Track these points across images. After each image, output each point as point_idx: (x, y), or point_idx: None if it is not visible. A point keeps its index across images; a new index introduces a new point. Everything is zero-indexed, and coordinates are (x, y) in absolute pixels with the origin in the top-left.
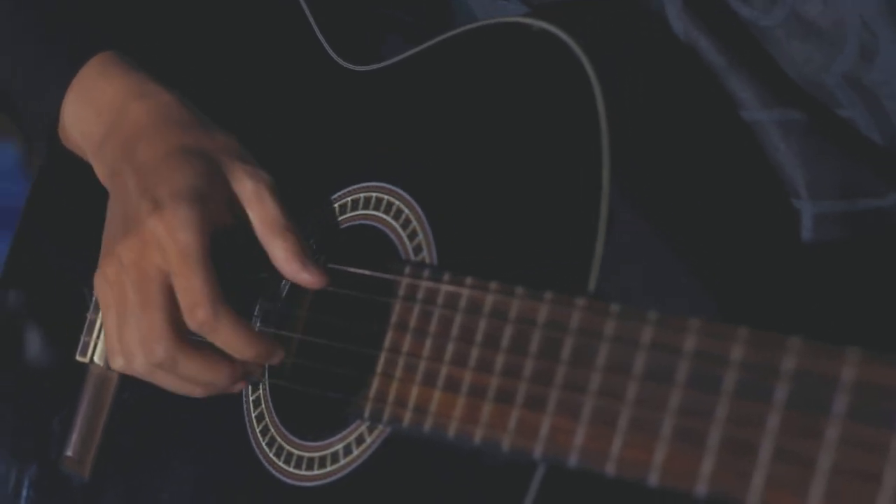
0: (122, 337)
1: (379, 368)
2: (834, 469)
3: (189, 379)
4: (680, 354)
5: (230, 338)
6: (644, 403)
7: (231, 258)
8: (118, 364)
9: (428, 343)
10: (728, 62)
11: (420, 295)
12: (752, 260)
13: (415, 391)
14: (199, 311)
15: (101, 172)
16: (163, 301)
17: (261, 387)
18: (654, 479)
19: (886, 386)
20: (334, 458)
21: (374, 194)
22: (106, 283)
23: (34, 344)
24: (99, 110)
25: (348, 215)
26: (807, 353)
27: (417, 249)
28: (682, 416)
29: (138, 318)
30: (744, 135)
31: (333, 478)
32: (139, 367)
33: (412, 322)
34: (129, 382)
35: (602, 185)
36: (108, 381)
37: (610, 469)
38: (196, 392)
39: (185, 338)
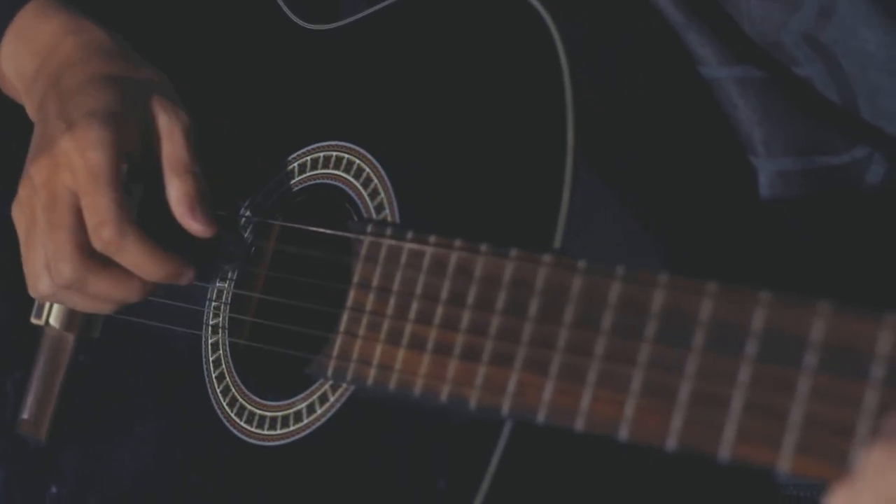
0: (30, 260)
1: (342, 327)
2: (806, 421)
3: (99, 298)
4: (649, 310)
5: (137, 258)
6: (613, 358)
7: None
8: (31, 291)
9: (392, 301)
10: (686, 18)
11: (382, 253)
12: (711, 216)
13: (379, 349)
14: (104, 231)
15: (30, 108)
16: (70, 221)
17: (221, 347)
18: (624, 433)
19: (857, 338)
20: (297, 417)
21: (334, 153)
22: (19, 209)
23: None
24: (34, 49)
25: (308, 174)
26: (777, 307)
27: (379, 208)
28: (651, 370)
29: (45, 239)
30: (702, 92)
31: (297, 437)
32: (45, 288)
33: (375, 280)
34: (85, 344)
35: (567, 142)
36: (64, 343)
37: (579, 424)
38: (107, 309)
39: (93, 257)
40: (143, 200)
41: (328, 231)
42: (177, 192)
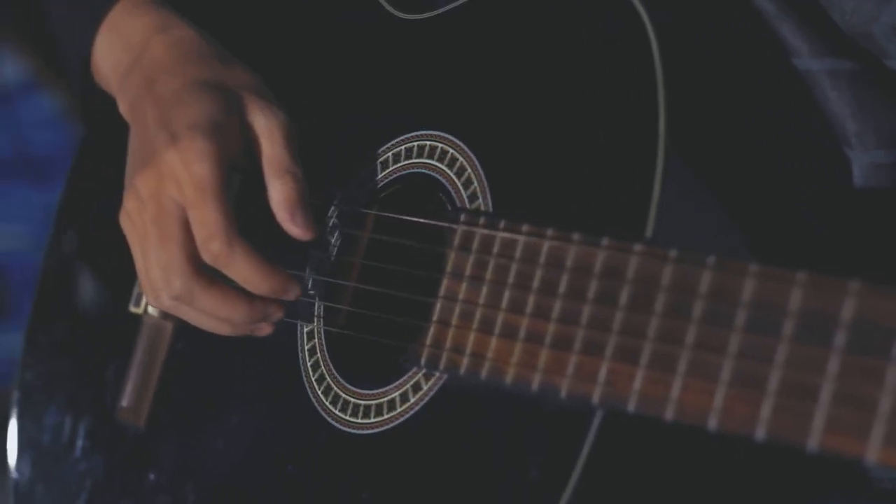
0: (146, 273)
1: (435, 316)
2: (895, 412)
3: (207, 313)
4: (739, 299)
5: (245, 271)
6: (703, 348)
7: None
8: (150, 301)
9: (484, 290)
10: (779, 9)
11: (475, 242)
12: (804, 207)
13: (472, 338)
14: (213, 244)
15: (123, 105)
16: (180, 234)
17: (316, 335)
18: (713, 423)
19: None
20: (391, 405)
21: (427, 142)
22: (129, 220)
23: (89, 294)
24: (126, 45)
25: (402, 163)
26: (866, 297)
27: (473, 197)
28: (741, 360)
29: (158, 252)
30: (796, 82)
31: (390, 425)
32: (165, 301)
33: (468, 269)
34: (183, 332)
35: (659, 132)
36: (163, 331)
37: (669, 414)
38: (220, 328)
39: (203, 271)
40: (240, 190)
41: (421, 220)
42: (278, 195)
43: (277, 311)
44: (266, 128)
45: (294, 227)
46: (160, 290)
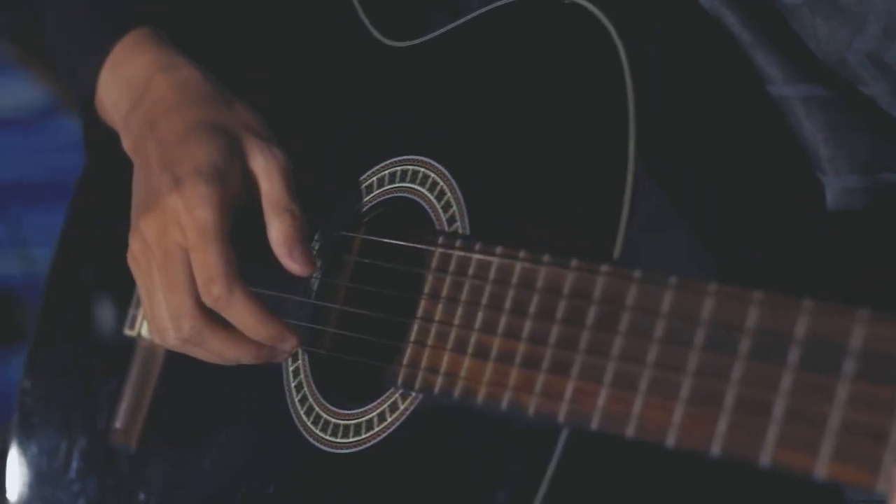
0: (153, 313)
1: (412, 337)
2: (843, 428)
3: (214, 354)
4: (698, 318)
5: (243, 316)
6: (663, 366)
7: (251, 233)
8: (156, 339)
9: (459, 311)
10: (753, 37)
11: (452, 264)
12: (777, 231)
13: (446, 358)
14: (213, 287)
15: (126, 143)
16: (186, 280)
17: (300, 356)
18: (671, 440)
19: (894, 346)
20: (369, 425)
21: (410, 167)
22: (134, 261)
23: (87, 317)
24: (129, 83)
25: (386, 187)
26: (819, 315)
27: (451, 220)
28: (699, 377)
29: (167, 296)
30: (770, 109)
31: (367, 444)
32: (172, 340)
33: (444, 291)
34: (175, 355)
35: (628, 155)
36: (156, 354)
37: (630, 431)
38: (227, 363)
39: (211, 315)
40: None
41: (401, 243)
42: (276, 234)
43: (285, 351)
44: (265, 168)
45: (292, 264)
46: (168, 330)
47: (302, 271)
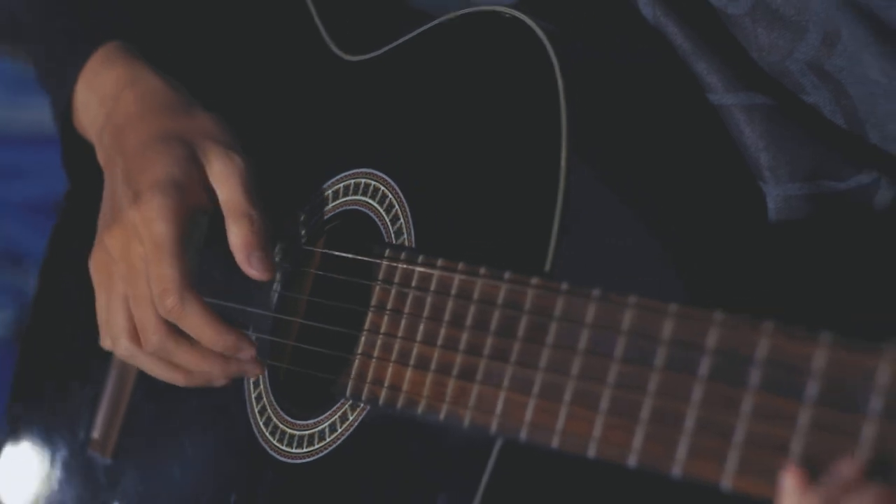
0: (109, 321)
1: (360, 349)
2: (747, 440)
3: (183, 367)
4: (620, 328)
5: (197, 326)
6: (586, 378)
7: (222, 242)
8: (106, 344)
9: (403, 323)
10: (695, 46)
11: (397, 276)
12: (718, 240)
13: (390, 370)
14: (167, 298)
15: (100, 156)
16: (150, 294)
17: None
18: (592, 451)
19: (796, 359)
20: (321, 436)
21: (363, 180)
22: (96, 269)
23: (70, 332)
24: (101, 98)
25: (340, 200)
26: (728, 326)
27: (399, 232)
28: (618, 389)
29: (134, 310)
30: (710, 117)
31: (319, 455)
32: (123, 350)
33: (389, 303)
34: None
35: (560, 169)
36: (130, 366)
37: (555, 442)
38: (180, 381)
39: (178, 330)
40: (209, 232)
41: (348, 256)
42: (235, 239)
43: (246, 361)
44: (222, 174)
45: (251, 269)
46: (121, 340)
47: (260, 276)
